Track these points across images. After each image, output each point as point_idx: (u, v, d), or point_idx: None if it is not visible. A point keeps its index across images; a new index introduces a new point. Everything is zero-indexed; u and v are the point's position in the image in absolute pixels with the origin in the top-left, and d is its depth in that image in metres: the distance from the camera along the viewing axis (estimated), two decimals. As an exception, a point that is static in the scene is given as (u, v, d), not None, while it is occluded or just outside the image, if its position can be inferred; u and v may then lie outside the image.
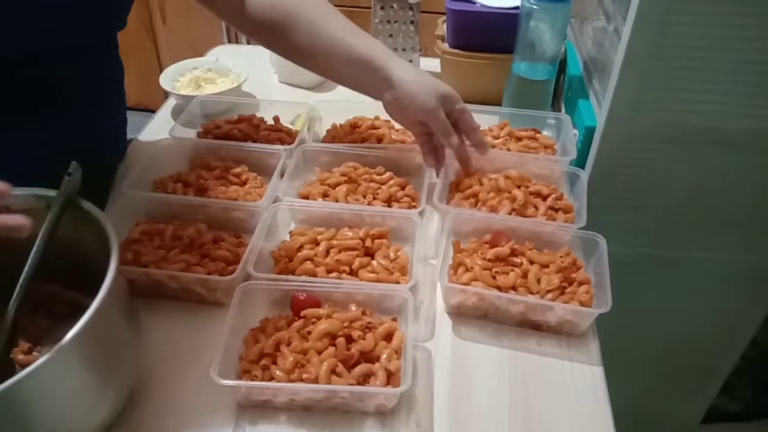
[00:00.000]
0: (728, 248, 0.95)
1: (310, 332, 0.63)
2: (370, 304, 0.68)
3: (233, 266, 0.71)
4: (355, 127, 0.96)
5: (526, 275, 0.71)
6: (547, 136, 0.95)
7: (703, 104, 0.80)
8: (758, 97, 0.78)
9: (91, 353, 0.50)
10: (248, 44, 1.41)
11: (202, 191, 0.83)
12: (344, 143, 0.92)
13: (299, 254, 0.73)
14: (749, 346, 1.11)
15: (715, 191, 0.88)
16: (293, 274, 0.71)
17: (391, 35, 1.11)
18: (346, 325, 0.63)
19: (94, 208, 0.58)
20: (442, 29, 1.11)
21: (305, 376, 0.59)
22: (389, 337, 0.64)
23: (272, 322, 0.65)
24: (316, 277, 0.71)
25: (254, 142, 0.93)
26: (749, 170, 0.85)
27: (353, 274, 0.72)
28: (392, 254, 0.75)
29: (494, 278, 0.71)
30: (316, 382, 0.59)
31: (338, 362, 0.60)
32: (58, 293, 0.62)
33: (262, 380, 0.60)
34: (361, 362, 0.61)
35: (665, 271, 1.00)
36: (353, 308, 0.67)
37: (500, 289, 0.70)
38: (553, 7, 0.90)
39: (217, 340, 0.61)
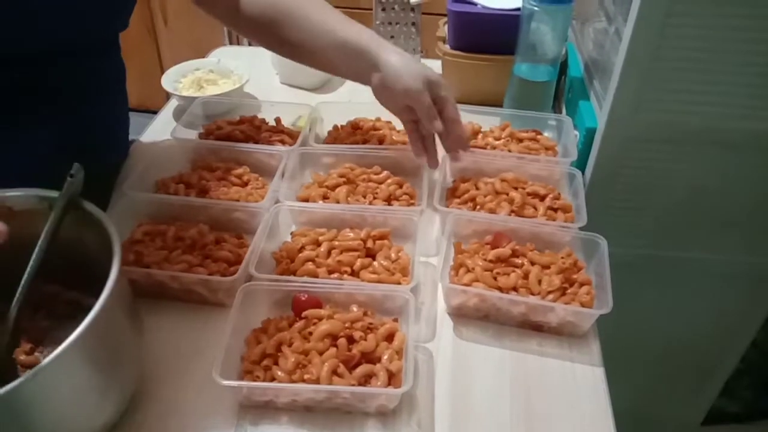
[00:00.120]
0: (728, 249, 0.95)
1: (311, 333, 0.63)
2: (371, 304, 0.69)
3: (235, 267, 0.71)
4: (356, 128, 0.96)
5: (527, 276, 0.71)
6: (548, 137, 0.95)
7: (703, 105, 0.80)
8: (759, 98, 0.78)
9: (94, 354, 0.50)
10: (250, 45, 1.41)
11: (203, 192, 0.83)
12: (345, 144, 0.92)
13: (301, 255, 0.73)
14: (749, 347, 1.11)
15: (715, 192, 0.88)
16: (295, 274, 0.72)
17: (392, 37, 1.11)
18: (347, 325, 0.64)
19: (96, 208, 0.58)
20: (443, 31, 1.11)
21: (307, 376, 0.59)
22: (390, 337, 0.64)
23: (274, 322, 0.66)
24: (317, 277, 0.71)
25: (256, 143, 0.93)
26: (749, 171, 0.85)
27: (354, 274, 0.73)
28: (393, 255, 0.75)
29: (495, 279, 0.71)
30: (317, 382, 0.59)
31: (340, 363, 0.60)
32: (58, 293, 0.63)
33: (263, 381, 0.60)
34: (362, 363, 0.62)
35: (665, 271, 1.00)
36: (354, 309, 0.67)
37: (501, 290, 0.70)
38: (554, 8, 0.90)
39: (218, 340, 0.61)
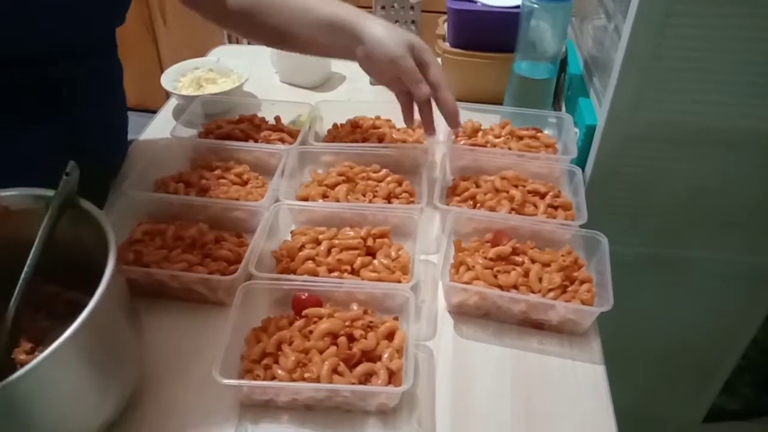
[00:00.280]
0: (728, 248, 0.95)
1: (311, 331, 0.63)
2: (371, 303, 0.68)
3: (235, 266, 0.71)
4: (355, 126, 0.96)
5: (527, 274, 0.71)
6: (548, 135, 0.95)
7: (703, 104, 0.80)
8: (759, 97, 0.78)
9: (91, 351, 0.50)
10: (249, 44, 1.41)
11: (203, 191, 0.83)
12: (345, 143, 0.92)
13: (301, 254, 0.73)
14: (750, 345, 1.11)
15: (715, 191, 0.88)
16: (295, 273, 0.71)
17: (391, 35, 1.11)
18: (347, 324, 0.63)
19: (93, 207, 0.58)
20: (443, 29, 1.11)
21: (307, 375, 0.59)
22: (391, 336, 0.64)
23: (274, 321, 0.65)
24: (317, 276, 0.71)
25: (255, 142, 0.93)
26: (749, 170, 0.85)
27: (355, 273, 0.72)
28: (393, 253, 0.75)
29: (496, 277, 0.71)
30: (318, 381, 0.59)
31: (340, 361, 0.60)
32: (58, 293, 0.62)
33: (264, 380, 0.60)
34: (362, 361, 0.61)
35: (665, 270, 1.00)
36: (355, 307, 0.67)
37: (502, 288, 0.70)
38: (554, 6, 0.90)
39: (219, 339, 0.61)
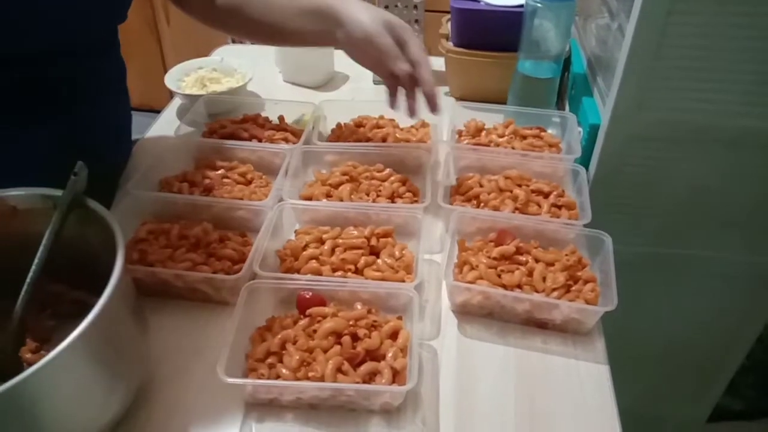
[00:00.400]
0: (729, 248, 0.95)
1: (315, 331, 0.63)
2: (375, 302, 0.68)
3: (239, 265, 0.71)
4: (359, 126, 0.96)
5: (531, 273, 0.71)
6: (551, 134, 0.95)
7: (705, 103, 0.80)
8: (761, 95, 0.78)
9: (98, 351, 0.50)
10: (252, 44, 1.41)
11: (207, 191, 0.83)
12: (349, 142, 0.92)
13: (305, 253, 0.74)
14: (755, 345, 1.10)
15: (716, 190, 0.88)
16: (299, 272, 0.72)
17: (395, 34, 1.11)
18: (351, 323, 0.64)
19: (100, 206, 0.58)
20: (446, 28, 1.11)
21: (311, 374, 0.59)
22: (395, 335, 0.64)
23: (278, 320, 0.66)
24: (321, 275, 0.71)
25: (259, 141, 0.93)
26: (752, 169, 0.85)
27: (358, 272, 0.73)
28: (397, 253, 0.75)
29: (499, 276, 0.71)
30: (322, 380, 0.59)
31: (344, 360, 0.60)
32: (63, 292, 0.62)
33: (268, 379, 0.60)
34: (366, 360, 0.61)
35: (669, 269, 0.99)
36: (359, 307, 0.67)
37: (505, 287, 0.70)
38: (557, 5, 0.90)
39: (223, 338, 0.61)
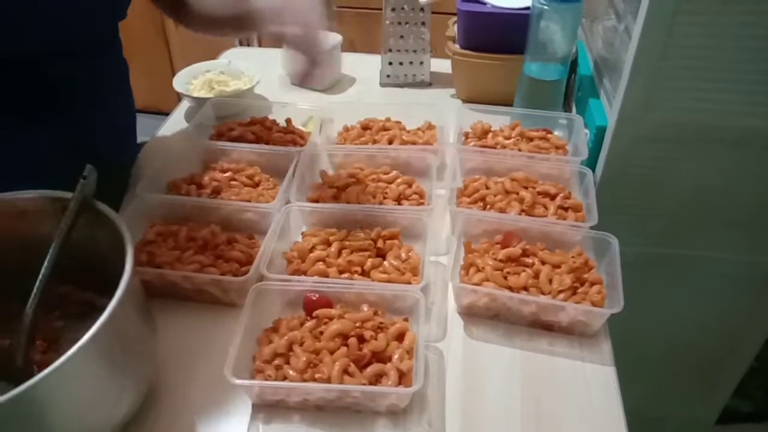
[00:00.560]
0: (733, 248, 0.94)
1: (322, 332, 0.63)
2: (381, 304, 0.69)
3: (246, 267, 0.72)
4: (366, 128, 0.97)
5: (537, 275, 0.71)
6: (558, 136, 0.95)
7: (711, 103, 0.79)
8: (765, 95, 0.77)
9: (108, 352, 0.50)
10: (260, 47, 1.42)
11: (215, 193, 0.84)
12: (355, 145, 0.93)
13: (311, 255, 0.74)
14: (763, 346, 1.10)
15: (720, 191, 0.88)
16: (305, 274, 0.72)
17: (401, 36, 1.12)
18: (358, 325, 0.64)
19: (108, 209, 0.58)
20: (452, 30, 1.11)
21: (318, 375, 0.60)
22: (401, 337, 0.64)
23: (285, 322, 0.66)
24: (328, 277, 0.71)
25: (267, 144, 0.94)
26: (756, 169, 0.85)
27: (365, 274, 0.73)
28: (404, 255, 0.75)
29: (506, 279, 0.71)
30: (328, 381, 0.59)
31: (350, 362, 0.61)
32: (72, 294, 0.63)
33: (275, 380, 0.61)
34: (373, 362, 0.62)
35: (675, 270, 0.99)
36: (365, 308, 0.67)
37: (512, 289, 0.70)
38: (564, 7, 0.90)
39: (230, 340, 0.61)
